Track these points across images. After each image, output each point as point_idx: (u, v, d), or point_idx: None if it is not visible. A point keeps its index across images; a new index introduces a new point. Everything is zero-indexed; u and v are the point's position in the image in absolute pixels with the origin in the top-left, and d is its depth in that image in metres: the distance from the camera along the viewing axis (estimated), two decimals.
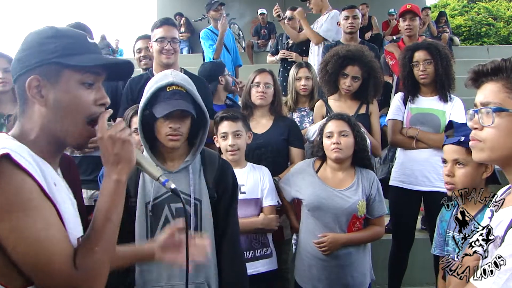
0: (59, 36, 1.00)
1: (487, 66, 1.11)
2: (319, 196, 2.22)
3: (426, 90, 2.82)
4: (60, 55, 0.98)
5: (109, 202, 0.99)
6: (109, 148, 1.01)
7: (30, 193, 0.87)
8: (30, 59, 0.98)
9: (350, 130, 2.24)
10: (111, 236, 0.99)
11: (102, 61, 1.03)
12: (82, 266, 0.92)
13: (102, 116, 1.03)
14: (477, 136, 1.11)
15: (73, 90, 0.99)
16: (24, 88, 0.98)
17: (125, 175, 1.02)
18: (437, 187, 2.70)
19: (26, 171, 0.87)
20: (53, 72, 0.98)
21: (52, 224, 0.90)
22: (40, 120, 0.99)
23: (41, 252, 0.87)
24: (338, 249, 2.17)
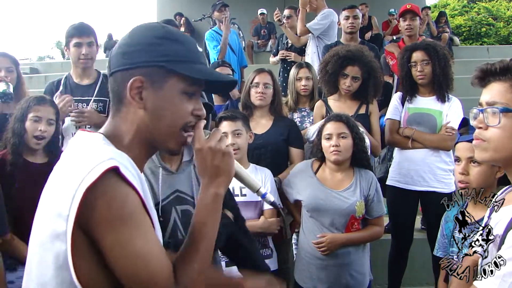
0: (172, 39, 0.94)
1: (496, 66, 1.10)
2: (317, 197, 2.23)
3: (424, 90, 2.82)
4: (170, 60, 0.92)
5: (207, 216, 0.96)
6: (208, 160, 0.97)
7: (134, 207, 0.84)
8: (136, 56, 0.92)
9: (349, 131, 2.24)
10: (207, 250, 0.95)
11: (211, 77, 0.98)
12: (181, 281, 0.89)
13: (198, 126, 0.98)
14: (481, 136, 1.10)
15: (175, 98, 0.94)
16: (123, 86, 0.92)
17: (223, 189, 0.98)
18: (433, 187, 2.72)
19: (131, 184, 0.84)
20: (158, 76, 0.92)
21: (152, 239, 0.87)
22: (137, 123, 0.94)
23: (144, 268, 0.84)
24: (337, 249, 2.17)
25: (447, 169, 2.76)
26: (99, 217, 0.81)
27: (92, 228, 0.82)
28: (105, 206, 0.81)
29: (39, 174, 1.78)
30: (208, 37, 4.72)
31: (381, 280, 3.07)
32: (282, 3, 6.77)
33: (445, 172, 2.75)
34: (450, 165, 2.78)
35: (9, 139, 2.20)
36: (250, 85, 2.69)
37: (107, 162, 0.82)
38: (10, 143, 2.19)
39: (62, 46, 22.59)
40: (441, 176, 2.73)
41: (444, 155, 2.76)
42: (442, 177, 2.73)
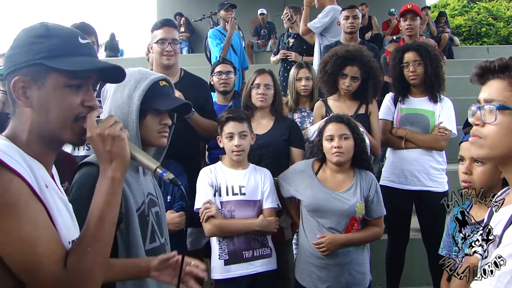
0: (49, 35, 0.96)
1: (495, 63, 1.10)
2: (318, 198, 2.23)
3: (416, 90, 2.84)
4: (47, 56, 0.94)
5: (104, 202, 0.97)
6: (100, 146, 0.99)
7: (18, 194, 0.85)
8: (18, 58, 0.96)
9: (350, 132, 2.24)
10: (106, 237, 0.96)
11: (87, 66, 0.98)
12: (73, 267, 0.89)
13: (90, 115, 1.00)
14: (478, 133, 1.10)
15: (59, 92, 0.96)
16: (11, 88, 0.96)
17: (119, 172, 0.99)
18: (427, 186, 2.73)
19: (15, 171, 0.85)
20: (39, 73, 0.95)
21: (41, 225, 0.87)
22: (28, 121, 0.96)
23: (29, 254, 0.85)
24: (337, 249, 2.18)
25: (440, 168, 2.78)
26: None
27: None
28: None
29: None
30: (210, 35, 4.72)
31: (381, 280, 3.07)
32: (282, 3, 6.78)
33: (438, 172, 2.77)
34: (443, 164, 2.80)
35: None
36: (251, 86, 2.69)
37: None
38: None
39: None
40: (434, 175, 2.74)
41: (437, 154, 2.78)
42: (435, 176, 2.75)
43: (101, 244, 0.95)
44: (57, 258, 0.88)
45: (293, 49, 4.54)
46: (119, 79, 1.10)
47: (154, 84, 1.44)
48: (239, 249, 2.24)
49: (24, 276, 0.87)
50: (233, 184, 2.30)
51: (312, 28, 4.17)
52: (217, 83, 3.19)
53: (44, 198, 0.90)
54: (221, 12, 4.77)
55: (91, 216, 0.96)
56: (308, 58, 4.35)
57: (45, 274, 0.87)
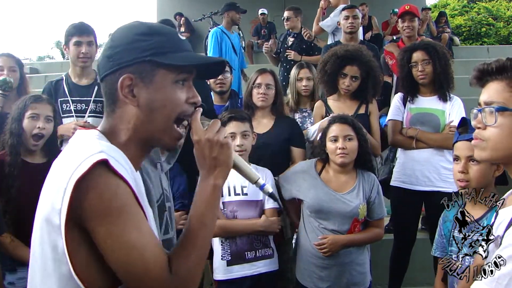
0: (152, 33, 0.95)
1: (492, 65, 1.10)
2: (321, 199, 2.23)
3: (425, 90, 2.82)
4: (154, 53, 0.93)
5: (205, 208, 0.96)
6: (207, 152, 0.97)
7: (125, 199, 0.85)
8: (121, 56, 0.94)
9: (355, 133, 2.24)
10: (205, 241, 0.95)
11: (197, 61, 0.98)
12: (178, 272, 0.89)
13: (195, 118, 0.98)
14: (480, 135, 1.10)
15: (167, 89, 0.95)
16: (115, 87, 0.93)
17: (222, 180, 0.98)
18: (438, 187, 2.71)
19: (122, 177, 0.85)
20: (146, 71, 0.93)
21: (145, 230, 0.87)
22: (133, 121, 0.94)
23: (138, 259, 0.84)
24: (338, 250, 2.18)
25: (451, 168, 2.74)
26: (90, 209, 0.82)
27: (84, 220, 0.83)
28: (96, 198, 0.82)
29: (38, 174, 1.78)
30: (212, 34, 4.64)
31: (381, 280, 3.07)
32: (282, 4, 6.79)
33: (450, 172, 2.73)
34: None
35: (7, 140, 2.18)
36: (252, 86, 2.69)
37: (97, 155, 0.83)
38: (8, 144, 2.17)
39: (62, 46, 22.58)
40: (445, 175, 2.73)
41: (448, 154, 2.76)
42: (446, 176, 2.73)
43: (202, 248, 0.94)
44: (163, 263, 0.88)
45: (292, 48, 4.54)
46: (217, 73, 1.10)
47: None
48: (242, 249, 2.24)
49: (131, 281, 0.86)
50: (235, 184, 2.29)
51: (324, 27, 4.19)
52: (213, 83, 3.18)
53: (143, 203, 0.90)
54: (232, 12, 4.69)
55: (193, 221, 0.95)
56: (307, 58, 4.36)
57: (152, 279, 0.86)
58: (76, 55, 2.75)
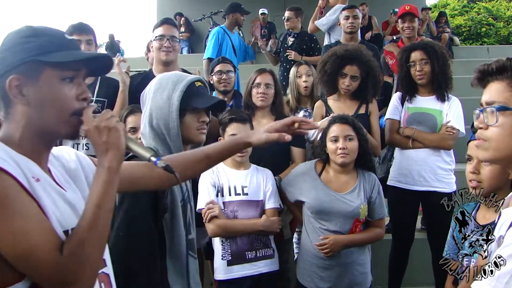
0: (36, 34, 1.01)
1: (492, 66, 1.11)
2: (322, 200, 2.23)
3: (423, 90, 2.82)
4: (38, 53, 0.99)
5: (101, 190, 0.99)
6: (97, 138, 1.02)
7: (6, 189, 0.89)
8: (8, 59, 0.99)
9: (355, 133, 2.23)
10: (103, 224, 0.99)
11: (79, 57, 1.03)
12: (68, 253, 0.92)
13: (87, 110, 1.04)
14: (482, 136, 1.10)
15: (54, 86, 1.00)
16: (4, 89, 0.99)
17: (115, 162, 1.02)
18: (434, 187, 2.71)
19: (2, 169, 0.89)
20: (32, 71, 0.99)
21: (31, 216, 0.91)
22: (24, 119, 1.00)
23: (22, 244, 0.88)
24: (339, 250, 2.18)
25: (447, 168, 2.76)
26: None
27: None
28: None
29: None
30: (214, 33, 4.60)
31: (381, 280, 3.07)
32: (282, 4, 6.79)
33: (446, 172, 2.75)
34: (451, 164, 2.78)
35: None
36: (251, 86, 2.69)
37: None
38: None
39: None
40: (442, 176, 2.73)
41: (444, 154, 2.76)
42: (443, 177, 2.73)
43: (98, 231, 0.98)
44: (51, 246, 0.91)
45: (292, 48, 4.54)
46: (106, 70, 1.15)
47: (191, 85, 1.53)
48: (242, 249, 2.24)
49: (21, 265, 0.90)
50: (236, 184, 2.30)
51: (319, 26, 4.20)
52: (217, 82, 3.18)
53: (33, 191, 0.94)
54: (237, 14, 4.65)
55: (89, 204, 0.99)
56: (307, 58, 4.36)
57: (41, 262, 0.90)
58: None
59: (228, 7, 4.70)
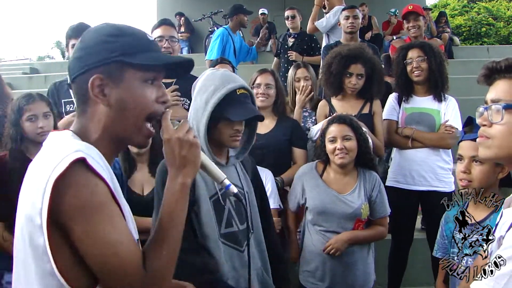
0: (120, 34, 0.98)
1: (501, 63, 1.10)
2: (323, 201, 2.23)
3: (420, 89, 2.83)
4: (122, 53, 0.96)
5: (174, 206, 0.99)
6: (176, 151, 1.00)
7: (103, 197, 0.87)
8: (90, 57, 0.96)
9: (353, 133, 2.23)
10: (176, 238, 0.98)
11: (165, 60, 1.01)
12: (151, 268, 0.92)
13: (165, 117, 1.01)
14: (486, 133, 1.10)
15: (136, 88, 0.98)
16: (85, 88, 0.96)
17: (190, 178, 1.01)
18: (434, 186, 2.72)
19: (99, 175, 0.87)
20: (115, 71, 0.96)
21: (121, 227, 0.90)
22: (103, 120, 0.97)
23: (113, 256, 0.87)
24: (345, 246, 2.17)
25: (447, 168, 2.77)
26: (69, 207, 0.84)
27: (63, 219, 0.85)
28: (74, 197, 0.84)
29: None
30: (218, 34, 4.58)
31: (381, 280, 3.07)
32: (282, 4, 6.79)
33: (445, 171, 2.76)
34: (450, 163, 2.79)
35: (6, 144, 2.18)
36: (252, 86, 2.69)
37: (74, 154, 0.86)
38: (8, 149, 2.18)
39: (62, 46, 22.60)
40: (441, 175, 2.73)
41: (444, 154, 2.76)
42: (442, 176, 2.73)
43: (172, 245, 0.97)
44: (138, 260, 0.91)
45: (293, 49, 4.54)
46: (185, 72, 1.13)
47: (232, 92, 1.54)
48: None
49: (106, 277, 0.89)
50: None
51: (318, 27, 4.20)
52: None
53: (119, 199, 0.93)
54: (240, 15, 4.64)
55: (163, 219, 0.98)
56: (308, 58, 4.36)
57: (127, 275, 0.89)
58: None
59: (231, 9, 4.69)
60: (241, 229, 1.62)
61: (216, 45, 4.49)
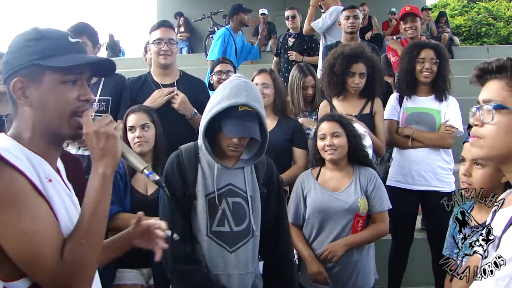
0: (40, 37, 1.03)
1: (492, 64, 1.11)
2: (320, 200, 2.24)
3: (423, 89, 2.83)
4: (41, 57, 1.01)
5: (95, 197, 1.01)
6: (94, 143, 1.03)
7: (19, 189, 0.91)
8: (14, 61, 1.02)
9: (343, 130, 2.25)
10: (98, 229, 1.01)
11: (77, 62, 1.04)
12: (68, 258, 0.94)
13: (86, 113, 1.05)
14: (477, 133, 1.11)
15: (56, 89, 1.03)
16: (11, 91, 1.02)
17: (110, 169, 1.04)
18: (434, 186, 2.72)
19: (15, 167, 0.91)
20: (35, 74, 1.01)
21: (41, 217, 0.93)
22: (30, 120, 1.03)
23: (29, 245, 0.91)
24: (342, 251, 2.16)
25: (447, 168, 2.77)
26: None
27: None
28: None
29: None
30: (220, 34, 4.59)
31: (381, 280, 3.07)
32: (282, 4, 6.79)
33: (446, 171, 2.76)
34: (450, 163, 2.79)
35: None
36: None
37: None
38: None
39: None
40: (441, 175, 2.73)
41: (444, 154, 2.77)
42: (442, 176, 2.74)
43: (93, 236, 1.00)
44: (55, 250, 0.94)
45: (293, 49, 4.54)
46: (110, 72, 1.18)
47: (233, 108, 1.58)
48: None
49: (24, 266, 0.92)
50: None
51: (315, 27, 4.21)
52: (217, 82, 3.18)
53: (46, 192, 0.96)
54: (241, 15, 4.64)
55: (84, 210, 1.00)
56: (308, 58, 4.36)
57: (43, 265, 0.92)
58: None
59: (231, 9, 4.68)
60: (235, 231, 1.66)
61: (217, 45, 4.49)
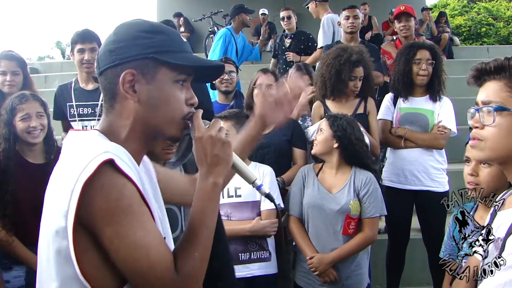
0: (155, 31, 0.96)
1: (490, 64, 1.10)
2: (315, 196, 2.25)
3: (418, 90, 2.83)
4: (158, 51, 0.93)
5: (205, 207, 0.95)
6: (208, 149, 0.96)
7: (131, 199, 0.85)
8: (124, 52, 0.93)
9: (328, 128, 2.27)
10: (207, 240, 0.95)
11: (199, 63, 0.99)
12: (182, 270, 0.89)
13: (197, 115, 0.98)
14: (478, 135, 1.10)
15: (168, 87, 0.95)
16: (115, 82, 0.93)
17: (222, 178, 0.97)
18: (427, 186, 2.73)
19: (127, 176, 0.85)
20: (148, 68, 0.93)
21: (151, 229, 0.87)
22: (132, 116, 0.94)
23: (143, 258, 0.85)
24: (327, 268, 2.15)
25: (440, 168, 2.78)
26: (98, 210, 0.82)
27: (92, 222, 0.83)
28: (103, 199, 0.82)
29: (38, 175, 1.77)
30: (221, 34, 4.58)
31: (381, 280, 3.07)
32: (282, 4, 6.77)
33: (439, 171, 2.77)
34: (443, 164, 2.80)
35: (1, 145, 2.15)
36: (253, 86, 2.69)
37: (102, 156, 0.83)
38: (1, 149, 2.14)
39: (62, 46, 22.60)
40: (435, 175, 2.74)
41: (437, 154, 2.78)
42: (436, 176, 2.75)
43: (205, 248, 0.94)
44: (168, 262, 0.88)
45: (290, 50, 4.53)
46: (214, 78, 1.12)
47: None
48: (236, 250, 2.21)
49: (137, 280, 0.87)
50: (228, 186, 2.25)
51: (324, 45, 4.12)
52: (219, 82, 3.18)
53: (148, 199, 0.90)
54: (242, 15, 4.63)
55: (194, 220, 0.94)
56: (306, 58, 4.35)
57: (158, 278, 0.86)
58: (80, 62, 2.82)
59: (233, 9, 4.66)
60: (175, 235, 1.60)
61: (218, 45, 4.49)
